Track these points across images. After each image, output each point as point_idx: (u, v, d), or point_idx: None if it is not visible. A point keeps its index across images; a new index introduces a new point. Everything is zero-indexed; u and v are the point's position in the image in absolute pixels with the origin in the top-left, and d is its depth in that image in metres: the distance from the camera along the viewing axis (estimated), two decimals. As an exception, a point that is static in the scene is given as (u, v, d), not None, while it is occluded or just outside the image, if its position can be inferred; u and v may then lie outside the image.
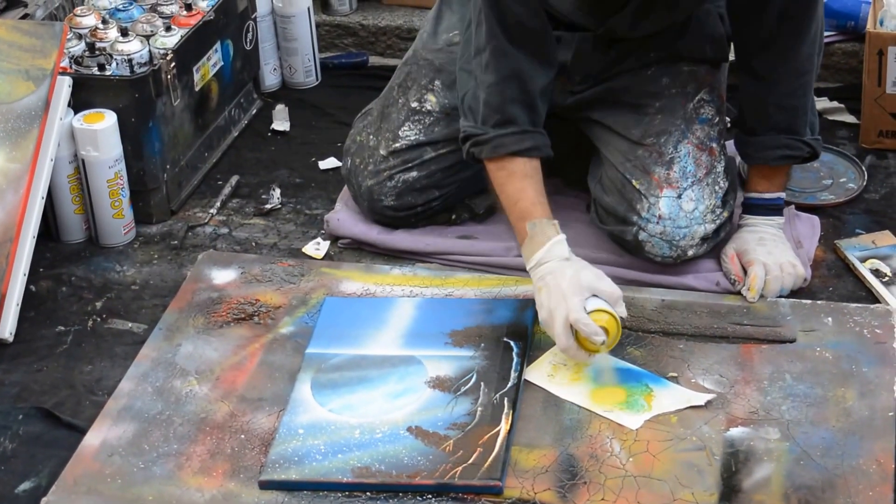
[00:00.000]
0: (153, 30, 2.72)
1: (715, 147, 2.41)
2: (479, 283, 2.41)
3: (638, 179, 2.37)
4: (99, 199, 2.58)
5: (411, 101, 2.52)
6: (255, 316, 2.36)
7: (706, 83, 2.45)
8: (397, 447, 2.05)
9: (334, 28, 3.29)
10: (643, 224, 2.36)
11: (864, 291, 2.39)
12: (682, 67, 2.43)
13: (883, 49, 2.67)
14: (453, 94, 2.47)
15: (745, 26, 2.35)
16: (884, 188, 2.66)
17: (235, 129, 2.96)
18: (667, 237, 2.36)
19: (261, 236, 2.64)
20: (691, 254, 2.37)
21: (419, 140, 2.51)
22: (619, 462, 2.02)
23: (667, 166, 2.37)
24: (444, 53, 2.51)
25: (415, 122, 2.52)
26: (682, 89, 2.42)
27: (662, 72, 2.43)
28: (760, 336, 2.24)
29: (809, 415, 2.08)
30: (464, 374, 2.18)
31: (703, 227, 2.37)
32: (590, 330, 2.11)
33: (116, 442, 2.11)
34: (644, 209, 2.36)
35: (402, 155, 2.51)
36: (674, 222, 2.35)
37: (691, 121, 2.41)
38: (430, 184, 2.51)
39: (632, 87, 2.43)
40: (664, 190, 2.36)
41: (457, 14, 2.51)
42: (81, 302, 2.48)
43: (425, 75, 2.53)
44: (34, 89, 2.50)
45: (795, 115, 2.37)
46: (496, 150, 2.30)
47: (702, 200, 2.37)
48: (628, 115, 2.41)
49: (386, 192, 2.52)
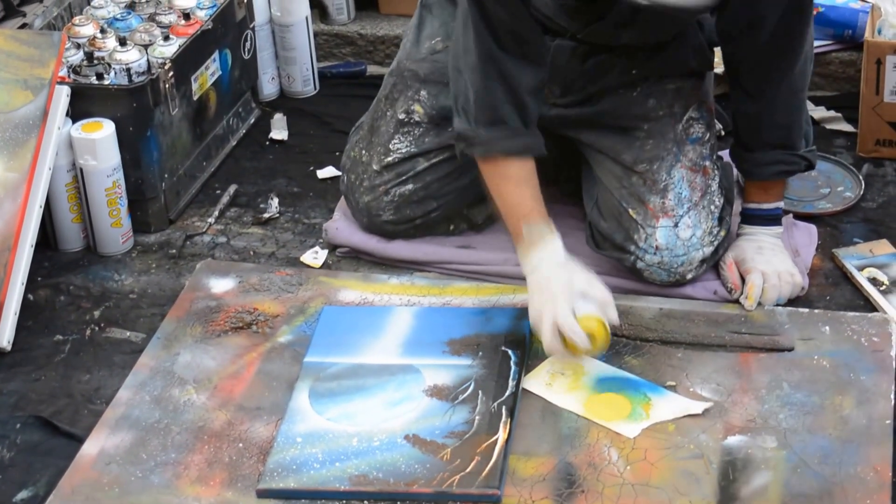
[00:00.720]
0: (151, 39, 2.73)
1: (708, 166, 2.41)
2: (477, 292, 2.42)
3: (634, 209, 2.36)
4: (97, 208, 2.58)
5: (399, 114, 2.52)
6: (254, 325, 2.36)
7: (693, 99, 2.43)
8: (395, 455, 2.05)
9: (332, 37, 3.30)
10: (641, 254, 2.35)
11: (861, 300, 2.39)
12: (666, 86, 2.42)
13: (881, 58, 2.67)
14: (440, 103, 2.48)
15: (737, 48, 2.34)
16: (881, 197, 2.66)
17: (233, 138, 2.96)
18: (665, 266, 2.35)
19: (259, 245, 2.64)
20: (690, 277, 2.37)
21: (411, 152, 2.51)
22: (617, 470, 2.02)
23: (661, 195, 2.36)
24: (429, 63, 2.50)
25: (404, 133, 2.52)
26: (669, 110, 2.41)
27: (648, 92, 2.41)
28: (758, 345, 2.24)
29: (807, 423, 2.08)
30: (462, 382, 2.18)
31: (701, 252, 2.36)
32: (576, 336, 2.12)
33: (114, 451, 2.11)
34: (641, 240, 2.35)
35: (396, 168, 2.51)
36: (671, 252, 2.35)
37: (682, 142, 2.40)
38: (427, 195, 2.51)
39: (618, 110, 2.42)
40: (660, 220, 2.35)
41: (438, 19, 2.51)
42: (79, 311, 2.48)
43: (410, 86, 2.52)
44: (32, 99, 2.50)
45: (790, 131, 2.37)
46: (488, 150, 2.30)
47: (698, 226, 2.36)
48: (617, 139, 2.41)
49: (383, 207, 2.52)
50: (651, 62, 2.39)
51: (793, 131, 2.37)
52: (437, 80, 2.47)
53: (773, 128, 2.37)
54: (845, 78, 2.99)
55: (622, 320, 2.28)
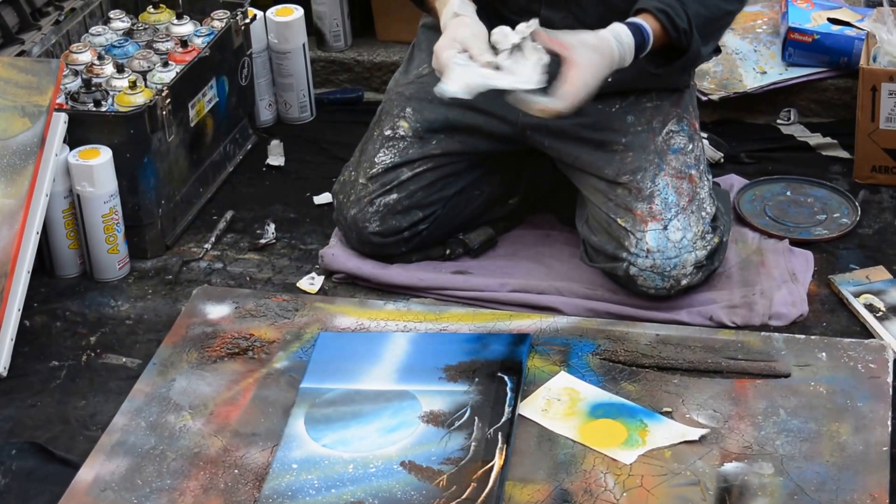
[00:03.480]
0: (149, 66, 2.74)
1: (694, 174, 2.42)
2: (473, 318, 2.42)
3: (622, 217, 2.38)
4: (94, 235, 2.58)
5: (385, 130, 2.57)
6: (250, 351, 2.37)
7: (672, 115, 2.46)
8: (391, 482, 2.05)
9: (329, 64, 3.31)
10: (633, 259, 2.37)
11: (858, 326, 2.39)
12: (645, 104, 2.45)
13: (876, 85, 2.68)
14: (424, 117, 2.53)
15: None
16: (877, 223, 2.67)
17: (230, 165, 2.97)
18: (657, 269, 2.36)
19: (255, 271, 2.64)
20: (685, 283, 2.38)
21: (395, 162, 2.54)
22: (614, 497, 2.01)
23: (648, 201, 2.38)
24: (415, 84, 2.55)
25: (389, 147, 2.55)
26: (648, 125, 2.44)
27: (627, 110, 2.45)
28: (755, 371, 2.24)
29: (803, 450, 2.08)
30: (458, 408, 2.18)
31: (694, 255, 2.37)
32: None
33: (110, 477, 2.10)
34: (632, 245, 2.37)
35: (380, 179, 2.54)
36: (663, 254, 2.36)
37: (664, 153, 2.42)
38: (412, 204, 2.53)
39: (597, 123, 2.44)
40: (649, 224, 2.37)
41: (425, 52, 2.54)
42: (76, 337, 2.48)
43: (397, 105, 2.57)
44: (30, 126, 2.51)
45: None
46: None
47: (689, 228, 2.37)
48: (598, 154, 2.42)
49: (369, 218, 2.53)
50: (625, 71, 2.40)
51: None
52: (422, 98, 2.52)
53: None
54: (841, 105, 3.00)
55: (618, 347, 2.29)
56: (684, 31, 2.26)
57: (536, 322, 2.38)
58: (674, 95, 2.48)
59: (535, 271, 2.54)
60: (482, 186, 2.59)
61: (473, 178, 2.57)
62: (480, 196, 2.59)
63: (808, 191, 2.74)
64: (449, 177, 2.54)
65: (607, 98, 2.43)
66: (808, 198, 2.72)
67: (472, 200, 2.59)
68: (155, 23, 2.93)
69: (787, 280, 2.47)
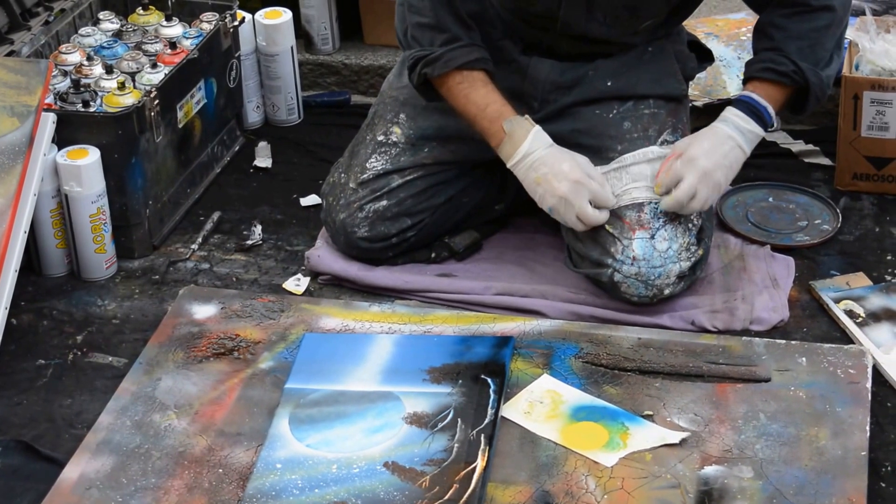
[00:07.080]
0: (138, 67, 2.75)
1: None
2: (457, 321, 2.43)
3: (610, 223, 2.39)
4: (81, 234, 2.59)
5: (378, 136, 2.58)
6: (235, 351, 2.38)
7: (668, 123, 2.48)
8: (374, 483, 2.06)
9: (317, 67, 3.32)
10: (618, 266, 2.38)
11: (838, 332, 2.41)
12: (642, 111, 2.47)
13: (858, 93, 2.70)
14: (417, 124, 2.54)
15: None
16: (858, 230, 2.68)
17: (218, 166, 2.98)
18: (642, 278, 2.38)
19: (241, 272, 2.66)
20: (667, 293, 2.40)
21: (386, 169, 2.55)
22: (594, 499, 2.03)
23: (637, 209, 2.39)
24: (408, 89, 2.54)
25: (381, 153, 2.56)
26: (644, 133, 2.46)
27: (623, 116, 2.46)
28: (735, 375, 2.26)
29: (783, 454, 2.10)
30: (441, 410, 2.20)
31: (678, 266, 2.39)
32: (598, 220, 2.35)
33: (94, 475, 2.11)
34: (618, 251, 2.38)
35: (371, 185, 2.55)
36: (648, 263, 2.37)
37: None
38: (401, 211, 2.54)
39: (594, 129, 2.46)
40: (637, 232, 2.38)
41: None
42: (62, 336, 2.49)
43: (390, 110, 2.58)
44: (19, 125, 2.52)
45: (787, 39, 2.38)
46: (448, 64, 2.39)
47: (675, 239, 2.39)
48: (593, 160, 2.44)
49: (358, 224, 2.54)
50: (625, 76, 2.43)
51: (789, 40, 2.38)
52: (416, 104, 2.53)
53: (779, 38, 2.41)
54: (823, 112, 3.01)
55: (600, 350, 2.31)
56: (793, 71, 2.36)
57: (520, 325, 2.40)
58: (671, 104, 2.50)
59: (519, 275, 2.55)
60: (471, 194, 2.60)
61: (463, 185, 2.59)
62: (469, 203, 2.61)
63: (789, 197, 2.76)
64: (439, 185, 2.56)
65: (605, 103, 2.46)
66: (790, 204, 2.74)
67: (461, 208, 2.60)
68: (144, 24, 2.94)
69: (769, 285, 2.49)
